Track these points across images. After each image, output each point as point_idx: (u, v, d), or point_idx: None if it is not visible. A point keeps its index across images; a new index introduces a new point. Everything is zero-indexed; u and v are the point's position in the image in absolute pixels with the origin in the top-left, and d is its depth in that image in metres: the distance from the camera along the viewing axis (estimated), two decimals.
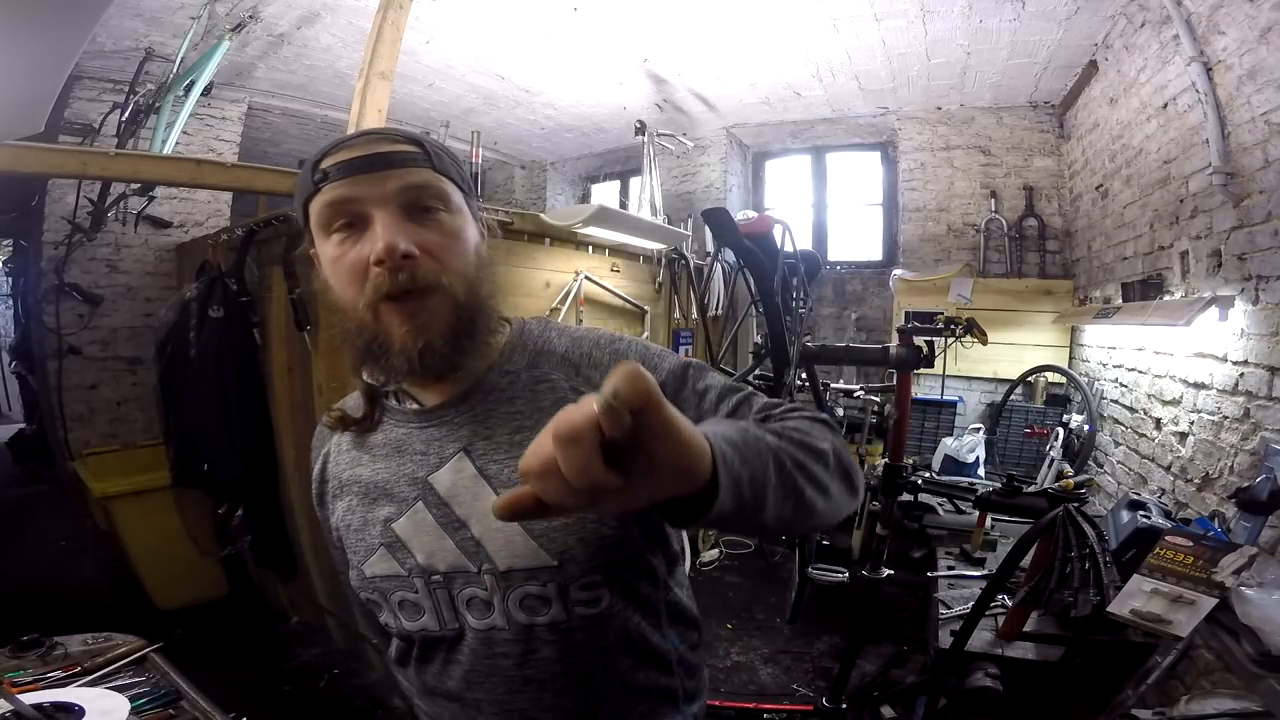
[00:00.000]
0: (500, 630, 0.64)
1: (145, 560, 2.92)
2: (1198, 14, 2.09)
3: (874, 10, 2.92)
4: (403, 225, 0.61)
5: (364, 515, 0.70)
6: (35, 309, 3.46)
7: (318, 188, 0.63)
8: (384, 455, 0.71)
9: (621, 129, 4.43)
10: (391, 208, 0.61)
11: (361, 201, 0.61)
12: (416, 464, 0.68)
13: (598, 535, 0.63)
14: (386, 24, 2.09)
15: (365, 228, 0.62)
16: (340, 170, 0.62)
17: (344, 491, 0.73)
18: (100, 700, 0.96)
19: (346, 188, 0.62)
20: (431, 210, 0.64)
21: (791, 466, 0.49)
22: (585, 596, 0.63)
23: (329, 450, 0.77)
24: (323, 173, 0.63)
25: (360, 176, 0.62)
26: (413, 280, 0.60)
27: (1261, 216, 1.82)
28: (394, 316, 0.61)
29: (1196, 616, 1.29)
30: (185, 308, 2.50)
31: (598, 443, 0.32)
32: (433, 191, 0.64)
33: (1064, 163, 3.75)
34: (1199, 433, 2.08)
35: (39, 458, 4.21)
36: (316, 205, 0.63)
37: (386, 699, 2.40)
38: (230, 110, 3.84)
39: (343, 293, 0.64)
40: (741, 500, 0.42)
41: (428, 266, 0.61)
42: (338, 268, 0.63)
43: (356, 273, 0.62)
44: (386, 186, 0.61)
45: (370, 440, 0.73)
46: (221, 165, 2.22)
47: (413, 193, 0.62)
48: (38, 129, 1.78)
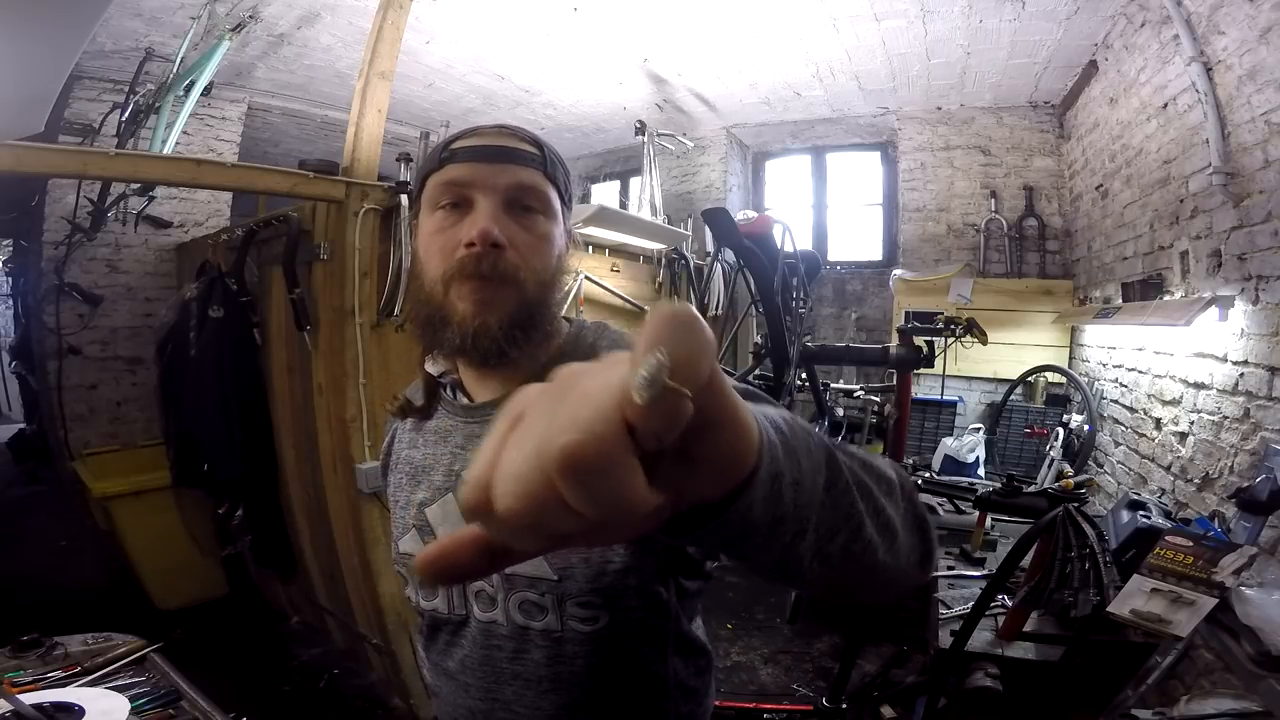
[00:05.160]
0: (499, 625, 0.67)
1: (145, 560, 2.93)
2: (1198, 14, 2.09)
3: (874, 10, 2.92)
4: (501, 217, 0.65)
5: (407, 495, 0.76)
6: (35, 309, 3.46)
7: (442, 164, 0.67)
8: (432, 442, 0.75)
9: (621, 129, 4.43)
10: (497, 199, 0.65)
11: (473, 186, 0.66)
12: (455, 456, 0.72)
13: (603, 560, 0.63)
14: (386, 24, 2.09)
15: (468, 211, 0.66)
16: (465, 154, 0.67)
17: (398, 468, 0.79)
18: (100, 700, 0.96)
19: (465, 170, 0.66)
20: (531, 210, 0.67)
21: (850, 482, 0.36)
22: (582, 614, 0.64)
23: (398, 429, 0.83)
24: (450, 152, 0.68)
25: (481, 164, 0.66)
26: (493, 268, 0.64)
27: (1261, 216, 1.82)
28: (463, 292, 0.64)
29: (1196, 616, 1.29)
30: (185, 308, 2.50)
31: (634, 454, 0.21)
32: (537, 194, 0.68)
33: (1064, 163, 3.75)
34: (1199, 433, 2.08)
35: (39, 458, 4.21)
36: (434, 180, 0.68)
37: (386, 699, 2.40)
38: (230, 110, 3.84)
39: (427, 264, 0.67)
40: (777, 513, 0.30)
41: (511, 260, 0.65)
42: (432, 241, 0.67)
43: (447, 250, 0.65)
44: (499, 178, 0.66)
45: (426, 425, 0.77)
46: (221, 165, 2.22)
47: (520, 190, 0.66)
48: (38, 129, 1.78)
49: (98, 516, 3.01)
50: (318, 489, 2.28)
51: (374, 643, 2.30)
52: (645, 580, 0.64)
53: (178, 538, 2.91)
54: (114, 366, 3.47)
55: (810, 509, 0.33)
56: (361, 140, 2.06)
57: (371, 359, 2.05)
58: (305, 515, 2.50)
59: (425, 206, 0.69)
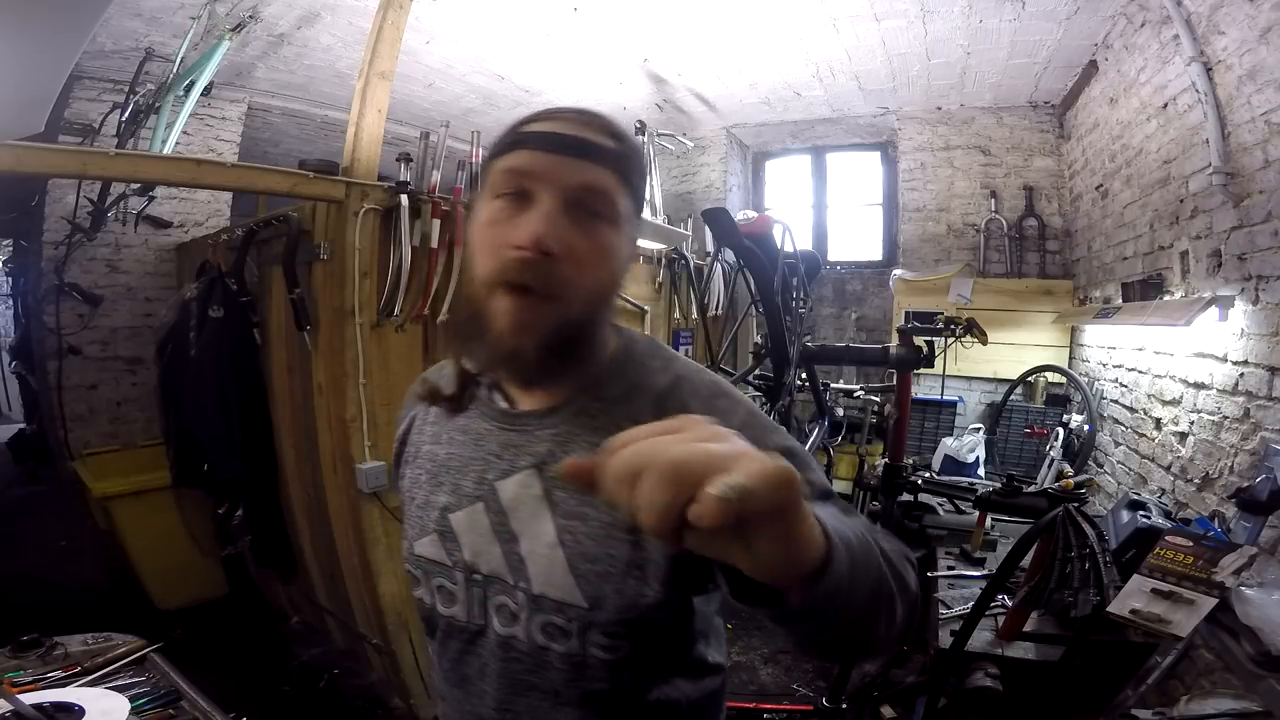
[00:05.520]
0: (518, 641, 0.65)
1: (145, 560, 2.93)
2: (1198, 14, 2.09)
3: (874, 10, 2.92)
4: (560, 219, 0.58)
5: (427, 494, 0.72)
6: (35, 309, 3.46)
7: (509, 148, 0.61)
8: (461, 443, 0.70)
9: None
10: (558, 197, 0.58)
11: (535, 178, 0.59)
12: (488, 464, 0.67)
13: (636, 594, 0.61)
14: (386, 24, 2.09)
15: (527, 206, 0.59)
16: (535, 141, 0.60)
17: (416, 461, 0.75)
18: (100, 700, 0.96)
19: (530, 159, 0.59)
20: (596, 216, 0.60)
21: (888, 591, 0.47)
22: (605, 642, 0.62)
23: (416, 415, 0.78)
24: (520, 136, 0.61)
25: (550, 154, 0.59)
26: (540, 279, 0.57)
27: (1261, 216, 1.82)
28: (504, 304, 0.58)
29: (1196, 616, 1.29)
30: (185, 308, 2.50)
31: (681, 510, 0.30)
32: (607, 199, 0.61)
33: (1064, 163, 3.75)
34: (1199, 433, 2.08)
35: (39, 458, 4.21)
36: (499, 166, 0.61)
37: (386, 699, 2.40)
38: (230, 110, 3.83)
39: (475, 257, 0.61)
40: (829, 612, 0.39)
41: (562, 272, 0.58)
42: (484, 233, 0.61)
43: (496, 246, 0.59)
44: (565, 174, 0.59)
45: (454, 422, 0.72)
46: (221, 165, 2.23)
47: (586, 192, 0.59)
48: (38, 129, 1.78)
49: (98, 516, 3.01)
50: (318, 489, 2.28)
51: (374, 643, 2.30)
52: (673, 614, 0.64)
53: (178, 538, 2.91)
54: (114, 366, 3.47)
55: (849, 610, 0.41)
56: (361, 140, 2.06)
57: (371, 359, 2.05)
58: (305, 515, 2.50)
59: (486, 191, 0.62)
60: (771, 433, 0.65)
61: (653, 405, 0.65)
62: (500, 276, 0.58)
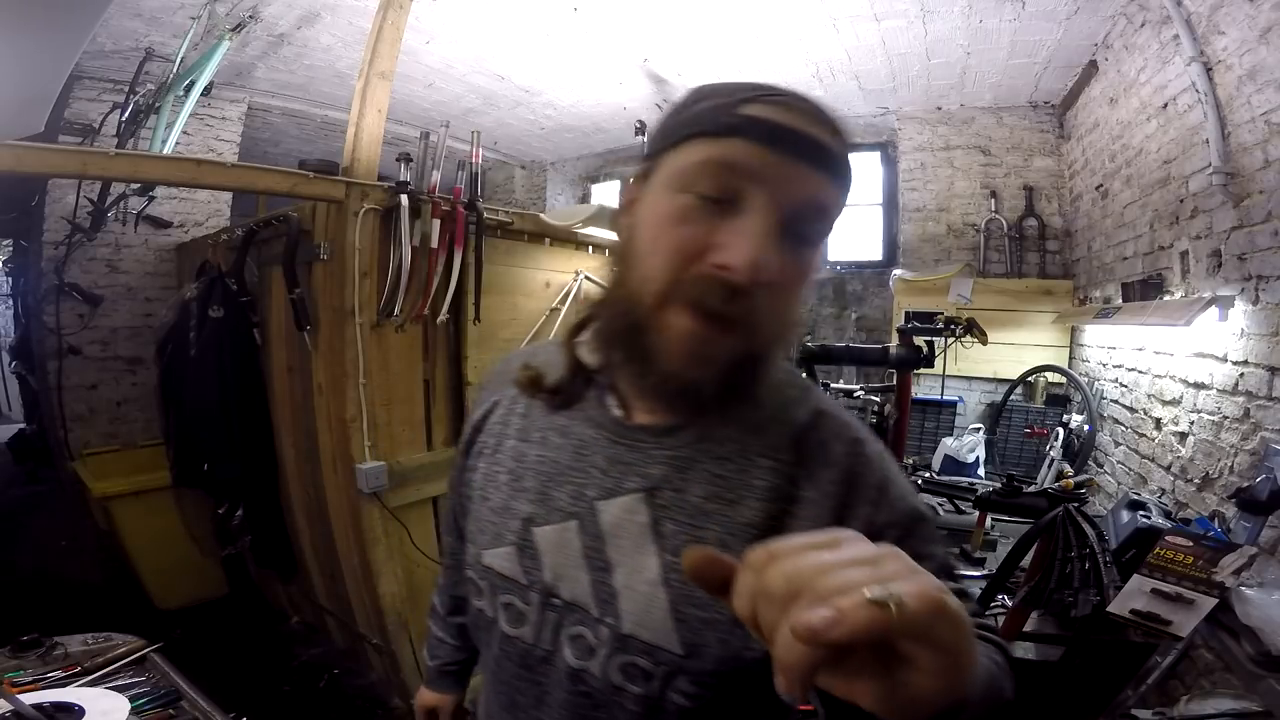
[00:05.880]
0: (591, 677, 0.58)
1: (145, 560, 2.93)
2: (1198, 14, 2.09)
3: (874, 10, 2.92)
4: (776, 243, 0.48)
5: (506, 499, 0.63)
6: (35, 309, 3.46)
7: (727, 131, 0.48)
8: (558, 446, 0.61)
9: (621, 129, 4.43)
10: (779, 214, 0.48)
11: (755, 182, 0.47)
12: (589, 478, 0.59)
13: (742, 647, 0.54)
14: (386, 24, 2.09)
15: (731, 212, 0.48)
16: (759, 132, 0.47)
17: (495, 456, 0.66)
18: (100, 700, 0.96)
19: (756, 155, 0.47)
20: (807, 239, 0.51)
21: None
22: (690, 690, 0.56)
23: (499, 401, 0.69)
24: (743, 120, 0.48)
25: (780, 154, 0.47)
26: (739, 309, 0.47)
27: (1261, 216, 1.81)
28: (684, 326, 0.49)
29: (1196, 616, 1.29)
30: (185, 308, 2.50)
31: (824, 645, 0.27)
32: (826, 217, 0.51)
33: (1064, 163, 3.75)
34: (1199, 433, 2.08)
35: (39, 458, 4.21)
36: (700, 152, 0.49)
37: (386, 699, 2.40)
38: (230, 110, 3.84)
39: (647, 258, 0.50)
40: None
41: (763, 305, 0.48)
42: (662, 231, 0.50)
43: (685, 254, 0.48)
44: (795, 185, 0.48)
45: (551, 419, 0.63)
46: (221, 165, 2.22)
47: (810, 210, 0.49)
48: (38, 129, 1.78)
49: (98, 516, 3.01)
50: (318, 489, 2.28)
51: (374, 643, 2.30)
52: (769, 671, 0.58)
53: (178, 538, 2.91)
54: (114, 366, 3.47)
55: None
56: (361, 140, 2.06)
57: (371, 359, 2.05)
58: (305, 515, 2.50)
59: (668, 177, 0.51)
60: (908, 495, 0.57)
61: (791, 442, 0.57)
62: (686, 294, 0.48)
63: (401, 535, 2.16)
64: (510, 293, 2.44)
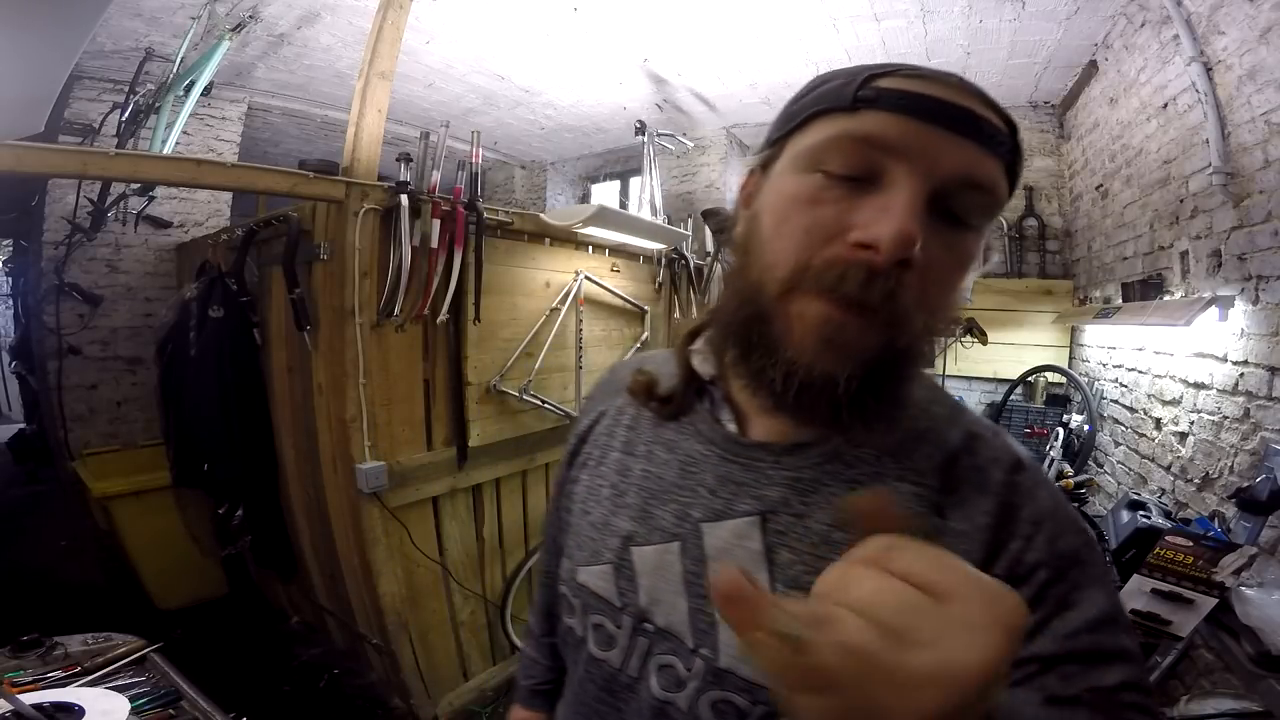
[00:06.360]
0: (676, 711, 0.53)
1: (145, 560, 2.93)
2: (1198, 14, 2.09)
3: (874, 10, 2.92)
4: (924, 221, 0.42)
5: (606, 514, 0.59)
6: (35, 309, 3.46)
7: (855, 105, 0.43)
8: (664, 461, 0.57)
9: (621, 129, 4.43)
10: (927, 186, 0.42)
11: (898, 155, 0.42)
12: (695, 498, 0.54)
13: None
14: (386, 24, 2.09)
15: (870, 191, 0.43)
16: (898, 101, 0.42)
17: (599, 469, 0.62)
18: (100, 700, 0.96)
19: (895, 126, 0.42)
20: (963, 224, 0.44)
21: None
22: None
23: (605, 412, 0.65)
24: (873, 91, 0.43)
25: (927, 126, 0.42)
26: (883, 296, 0.41)
27: (1261, 216, 1.82)
28: (816, 314, 0.43)
29: (1196, 616, 1.29)
30: (185, 308, 2.50)
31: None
32: (988, 200, 0.44)
33: (1064, 163, 3.75)
34: (1199, 433, 2.08)
35: (39, 458, 4.21)
36: (828, 129, 0.44)
37: (386, 699, 2.40)
38: (230, 110, 3.84)
39: (771, 243, 0.45)
40: None
41: (911, 290, 0.42)
42: (789, 214, 0.44)
43: (816, 235, 0.43)
44: (945, 154, 0.42)
45: (658, 431, 0.58)
46: (221, 165, 2.22)
47: (967, 185, 0.43)
48: (38, 129, 1.78)
49: (98, 516, 3.01)
50: (318, 489, 2.28)
51: (374, 643, 2.30)
52: None
53: (178, 538, 2.91)
54: (114, 366, 3.47)
55: None
56: (361, 140, 2.06)
57: (371, 359, 2.05)
58: (305, 515, 2.50)
59: (795, 158, 0.46)
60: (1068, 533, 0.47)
61: (939, 467, 0.49)
62: (819, 280, 0.42)
63: (401, 535, 2.16)
64: (510, 293, 2.44)
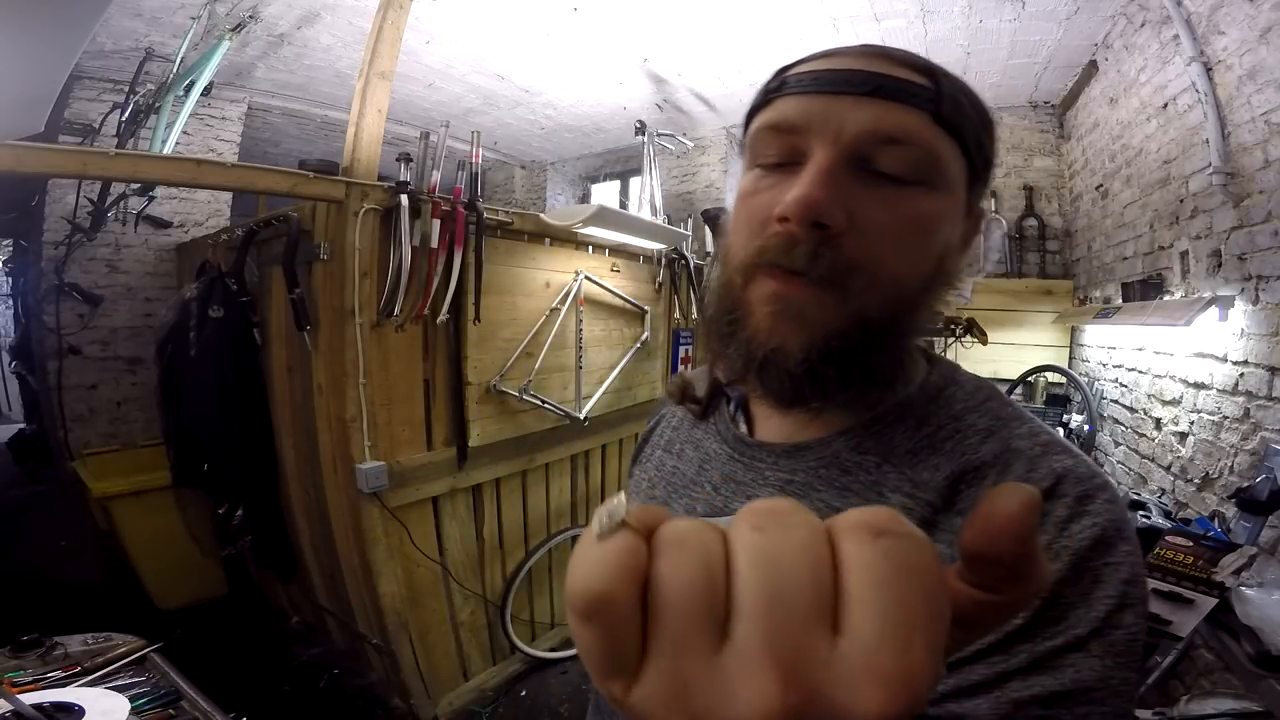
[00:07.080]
0: None
1: (145, 560, 2.93)
2: (1198, 14, 2.09)
3: (874, 10, 2.92)
4: (843, 180, 0.42)
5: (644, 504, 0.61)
6: (35, 309, 3.46)
7: (767, 99, 0.47)
8: (689, 459, 0.59)
9: (621, 129, 4.43)
10: (837, 151, 0.42)
11: (804, 132, 0.43)
12: (702, 494, 0.55)
13: None
14: (386, 24, 2.09)
15: (795, 172, 0.44)
16: (803, 83, 0.44)
17: (646, 465, 0.65)
18: (100, 700, 0.96)
19: (796, 107, 0.44)
20: (901, 180, 0.43)
21: None
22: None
23: (665, 414, 0.69)
24: (780, 81, 0.46)
25: (825, 96, 0.43)
26: (812, 260, 0.41)
27: (1261, 216, 1.82)
28: (763, 291, 0.44)
29: (1196, 616, 1.29)
30: (185, 308, 2.50)
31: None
32: (916, 153, 0.43)
33: (1064, 163, 3.75)
34: (1199, 433, 2.08)
35: (39, 458, 4.21)
36: (755, 125, 0.47)
37: (386, 699, 2.40)
38: (230, 110, 3.84)
39: (733, 241, 0.48)
40: None
41: (851, 251, 0.42)
42: (741, 207, 0.47)
43: (754, 222, 0.45)
44: (848, 119, 0.42)
45: (690, 432, 0.61)
46: (221, 165, 2.22)
47: (878, 140, 0.42)
48: (38, 129, 1.78)
49: (98, 516, 3.01)
50: (318, 489, 2.28)
51: (374, 643, 2.30)
52: None
53: (178, 538, 2.91)
54: (114, 366, 3.47)
55: None
56: (361, 140, 2.06)
57: (371, 359, 2.05)
58: (305, 515, 2.50)
59: (746, 161, 0.49)
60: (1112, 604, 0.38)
61: (949, 479, 0.44)
62: (762, 258, 0.44)
63: (401, 535, 2.16)
64: (510, 293, 2.44)
